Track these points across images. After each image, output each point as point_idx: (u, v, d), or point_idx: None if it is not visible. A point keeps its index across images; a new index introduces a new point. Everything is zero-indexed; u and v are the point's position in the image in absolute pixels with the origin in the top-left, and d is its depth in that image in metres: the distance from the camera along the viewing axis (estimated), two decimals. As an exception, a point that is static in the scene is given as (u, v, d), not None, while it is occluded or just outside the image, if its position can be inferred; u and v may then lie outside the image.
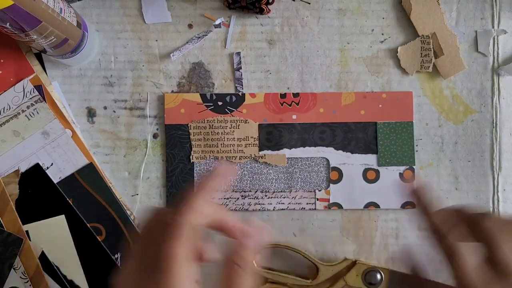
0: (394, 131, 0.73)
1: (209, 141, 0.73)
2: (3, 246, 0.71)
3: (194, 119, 0.73)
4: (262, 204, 0.73)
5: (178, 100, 0.72)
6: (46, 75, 0.72)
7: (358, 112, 0.73)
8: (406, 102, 0.73)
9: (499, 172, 0.74)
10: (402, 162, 0.74)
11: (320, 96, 0.73)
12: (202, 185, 0.48)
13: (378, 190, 0.74)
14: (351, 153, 0.74)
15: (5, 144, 0.71)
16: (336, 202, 0.74)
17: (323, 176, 0.74)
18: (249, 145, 0.73)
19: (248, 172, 0.73)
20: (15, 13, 0.53)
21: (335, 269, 0.72)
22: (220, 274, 0.49)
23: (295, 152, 0.73)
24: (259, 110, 0.73)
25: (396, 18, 0.73)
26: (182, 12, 0.72)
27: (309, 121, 0.73)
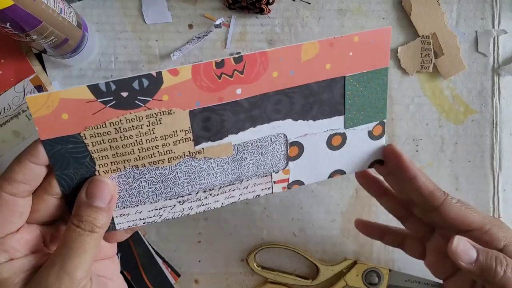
0: (366, 83, 0.57)
1: (119, 149, 0.51)
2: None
3: (88, 125, 0.49)
4: (207, 204, 0.58)
5: (52, 102, 0.48)
6: (46, 75, 0.72)
7: (322, 67, 0.55)
8: (383, 42, 0.56)
9: (499, 172, 0.74)
10: (372, 118, 0.60)
11: (272, 54, 0.52)
12: (21, 154, 0.49)
13: (344, 155, 0.61)
14: (313, 121, 0.58)
15: (5, 144, 0.71)
16: (297, 179, 0.61)
17: (280, 155, 0.58)
18: (180, 141, 0.53)
19: (183, 173, 0.55)
20: (15, 14, 0.53)
21: (335, 269, 0.72)
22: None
23: (244, 136, 0.56)
24: (187, 91, 0.51)
25: (396, 18, 0.73)
26: (182, 12, 0.72)
27: (259, 92, 0.54)
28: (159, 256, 0.74)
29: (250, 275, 0.75)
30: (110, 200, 0.50)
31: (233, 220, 0.74)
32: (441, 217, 0.55)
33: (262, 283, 0.74)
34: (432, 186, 0.56)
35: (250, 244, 0.74)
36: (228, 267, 0.75)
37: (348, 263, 0.72)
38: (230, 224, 0.74)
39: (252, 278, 0.75)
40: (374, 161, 0.62)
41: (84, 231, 0.47)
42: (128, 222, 0.55)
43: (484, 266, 0.51)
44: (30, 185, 0.48)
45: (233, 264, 0.75)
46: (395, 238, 0.64)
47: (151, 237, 0.74)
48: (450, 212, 0.55)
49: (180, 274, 0.74)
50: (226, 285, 0.75)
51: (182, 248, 0.74)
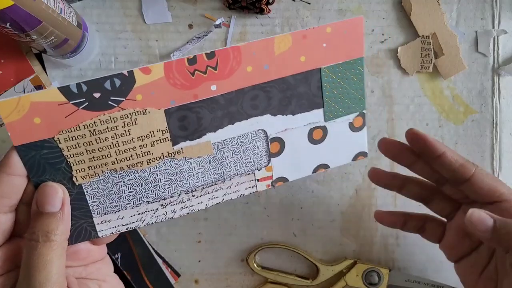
0: (342, 74, 0.57)
1: (95, 152, 0.50)
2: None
3: (62, 128, 0.48)
4: (190, 206, 0.57)
5: (22, 106, 0.47)
6: (46, 76, 0.72)
7: (297, 60, 0.55)
8: (356, 32, 0.56)
9: (500, 172, 0.74)
10: (351, 109, 0.60)
11: (245, 49, 0.52)
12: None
13: (326, 149, 0.61)
14: (292, 115, 0.57)
15: (5, 144, 0.71)
16: (280, 176, 0.60)
17: (261, 152, 0.58)
18: (157, 141, 0.52)
19: (164, 175, 0.54)
20: (15, 14, 0.53)
21: (335, 269, 0.72)
22: None
23: (222, 134, 0.55)
24: (161, 90, 0.51)
25: (396, 18, 0.73)
26: (182, 12, 0.72)
27: (234, 88, 0.54)
28: (159, 256, 0.74)
29: (250, 275, 0.75)
30: (62, 204, 0.48)
31: (233, 220, 0.74)
32: (472, 187, 0.56)
33: (262, 283, 0.74)
34: (462, 159, 0.56)
35: (250, 244, 0.74)
36: (228, 267, 0.75)
37: (348, 263, 0.72)
38: (230, 224, 0.74)
39: (252, 278, 0.75)
40: (358, 153, 0.63)
41: (38, 243, 0.46)
42: (110, 228, 0.54)
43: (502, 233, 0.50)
44: (11, 198, 0.47)
45: (233, 264, 0.75)
46: (417, 223, 0.64)
47: (151, 237, 0.74)
48: (481, 181, 0.55)
49: (180, 274, 0.74)
50: (226, 285, 0.75)
51: (182, 248, 0.74)
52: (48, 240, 0.46)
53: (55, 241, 0.46)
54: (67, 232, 0.49)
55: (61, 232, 0.47)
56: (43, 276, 0.45)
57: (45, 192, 0.48)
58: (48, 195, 0.48)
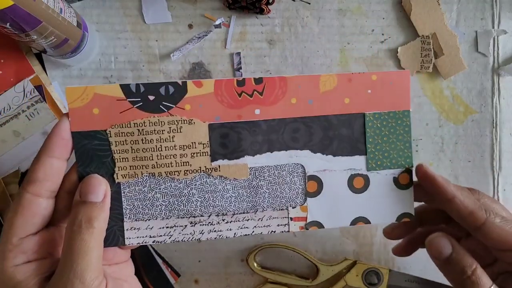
0: (387, 124, 0.57)
1: (139, 152, 0.53)
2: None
3: (115, 123, 0.52)
4: (219, 231, 0.56)
5: (87, 95, 0.51)
6: (46, 75, 0.72)
7: (341, 101, 0.56)
8: (402, 85, 0.56)
9: (499, 172, 0.74)
10: (397, 164, 0.57)
11: (291, 81, 0.54)
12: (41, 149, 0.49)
13: (368, 201, 0.58)
14: (333, 156, 0.57)
15: (5, 144, 0.71)
16: (316, 220, 0.57)
17: (297, 188, 0.57)
18: (197, 154, 0.54)
19: (198, 190, 0.55)
20: (15, 13, 0.53)
21: (335, 269, 0.72)
22: None
23: (260, 160, 0.55)
24: (208, 104, 0.53)
25: (396, 18, 0.73)
26: (182, 12, 0.72)
27: (277, 116, 0.55)
28: (159, 256, 0.74)
29: (250, 275, 0.75)
30: (104, 195, 0.50)
31: (233, 220, 0.74)
32: (482, 236, 0.53)
33: (262, 283, 0.74)
34: (471, 206, 0.53)
35: (250, 244, 0.74)
36: (228, 267, 0.75)
37: (348, 263, 0.72)
38: (230, 224, 0.74)
39: (252, 278, 0.75)
40: (402, 213, 0.58)
41: (81, 229, 0.47)
42: (138, 238, 0.55)
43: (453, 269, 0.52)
44: (52, 181, 0.49)
45: (233, 264, 0.75)
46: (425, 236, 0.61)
47: (151, 237, 0.74)
48: (492, 233, 0.52)
49: (180, 274, 0.74)
50: (226, 285, 0.75)
51: (182, 248, 0.74)
52: (91, 227, 0.47)
53: (97, 228, 0.48)
54: (107, 222, 0.50)
55: (102, 220, 0.49)
56: (85, 262, 0.46)
57: (90, 182, 0.50)
58: (93, 185, 0.50)
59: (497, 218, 0.53)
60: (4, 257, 0.47)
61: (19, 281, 0.46)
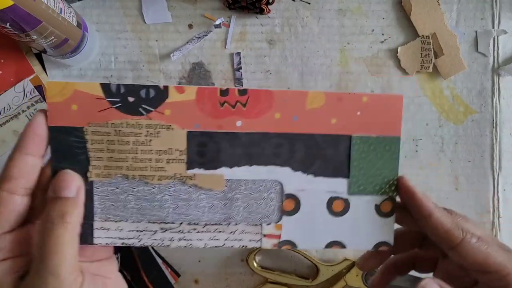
0: (374, 148, 0.55)
1: (114, 153, 0.52)
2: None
3: (92, 121, 0.51)
4: (189, 239, 0.55)
5: (67, 90, 0.50)
6: (46, 75, 0.72)
7: (328, 120, 0.54)
8: (394, 109, 0.54)
9: (499, 172, 0.75)
10: (380, 191, 0.55)
11: (277, 95, 0.53)
12: (16, 146, 0.49)
13: (346, 226, 0.56)
14: (314, 176, 0.55)
15: (5, 144, 0.71)
16: (289, 240, 0.55)
17: (274, 205, 0.55)
18: (173, 160, 0.53)
19: (171, 197, 0.54)
20: (15, 13, 0.53)
21: (335, 269, 0.72)
22: None
23: (238, 173, 0.54)
24: (189, 111, 0.52)
25: (396, 18, 0.73)
26: (182, 12, 0.73)
27: (260, 129, 0.53)
28: (159, 256, 0.74)
29: (250, 275, 0.75)
30: (77, 190, 0.49)
31: (233, 220, 0.74)
32: (458, 257, 0.52)
33: (262, 283, 0.74)
34: (448, 224, 0.52)
35: (250, 244, 0.74)
36: (228, 267, 0.75)
37: (348, 263, 0.72)
38: (230, 224, 0.74)
39: (252, 278, 0.75)
40: (381, 241, 0.56)
41: (54, 225, 0.46)
42: (106, 238, 0.54)
43: None
44: (27, 179, 0.48)
45: (233, 264, 0.75)
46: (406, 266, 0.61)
47: (151, 237, 0.74)
48: (468, 253, 0.51)
49: (180, 274, 0.74)
50: (226, 285, 0.75)
51: (182, 249, 0.74)
52: (64, 222, 0.46)
53: (71, 223, 0.47)
54: (81, 218, 0.49)
55: (76, 214, 0.48)
56: (58, 258, 0.45)
57: (63, 178, 0.49)
58: (66, 180, 0.49)
59: (473, 238, 0.51)
60: None
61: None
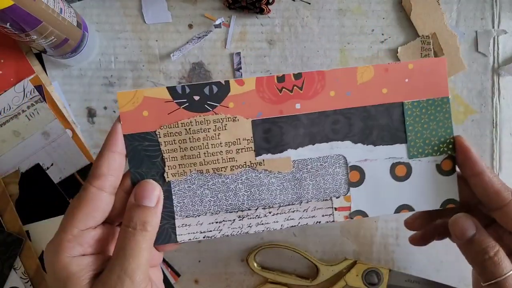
0: (426, 111, 0.57)
1: (187, 151, 0.55)
2: (3, 246, 0.71)
3: (163, 124, 0.55)
4: (266, 223, 0.58)
5: (137, 99, 0.54)
6: (46, 75, 0.72)
7: (379, 91, 0.57)
8: (439, 72, 0.57)
9: (499, 172, 0.74)
10: (438, 150, 0.57)
11: (329, 75, 0.56)
12: (104, 145, 0.52)
13: (411, 189, 0.58)
14: (374, 146, 0.57)
15: (5, 144, 0.71)
16: (360, 210, 0.58)
17: (340, 179, 0.58)
18: (242, 149, 0.56)
19: (244, 185, 0.56)
20: (15, 14, 0.53)
21: (335, 269, 0.72)
22: None
23: (303, 153, 0.57)
24: (250, 101, 0.55)
25: (396, 18, 0.73)
26: (182, 12, 0.73)
27: (317, 109, 0.56)
28: (159, 256, 0.74)
29: (250, 275, 0.75)
30: (157, 201, 0.52)
31: (233, 220, 0.74)
32: (503, 218, 0.53)
33: (262, 283, 0.74)
34: (499, 185, 0.53)
35: (250, 244, 0.74)
36: (228, 267, 0.75)
37: (348, 263, 0.72)
38: (230, 224, 0.74)
39: (252, 278, 0.75)
40: (446, 199, 0.58)
41: (135, 231, 0.49)
42: (189, 234, 0.56)
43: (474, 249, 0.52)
44: (115, 176, 0.51)
45: (233, 264, 0.75)
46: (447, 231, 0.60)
47: (151, 237, 0.74)
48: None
49: (180, 274, 0.74)
50: (226, 285, 0.75)
51: (182, 248, 0.74)
52: (144, 230, 0.49)
53: (150, 232, 0.50)
54: (158, 226, 0.52)
55: (155, 225, 0.51)
56: (136, 263, 0.48)
57: (145, 187, 0.52)
58: (147, 190, 0.52)
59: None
60: (63, 246, 0.48)
61: (72, 273, 0.47)
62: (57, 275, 0.48)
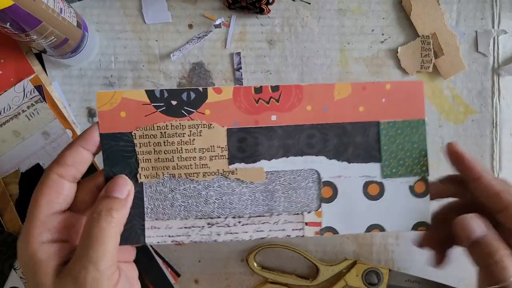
0: (402, 132, 0.58)
1: (161, 154, 0.56)
2: (3, 246, 0.71)
3: (139, 125, 0.56)
4: (235, 233, 0.58)
5: (115, 99, 0.55)
6: (46, 75, 0.72)
7: (355, 109, 0.57)
8: (416, 94, 0.58)
9: (500, 172, 0.74)
10: (412, 172, 0.58)
11: (306, 89, 0.57)
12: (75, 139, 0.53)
13: (383, 209, 0.58)
14: (348, 163, 0.58)
15: (5, 144, 0.71)
16: (330, 226, 0.58)
17: (313, 194, 0.58)
18: (216, 157, 0.57)
19: (216, 192, 0.57)
20: (15, 14, 0.53)
21: (335, 269, 0.72)
22: None
23: (276, 164, 0.57)
24: (227, 110, 0.56)
25: (396, 18, 0.73)
26: (182, 12, 0.73)
27: (293, 122, 0.57)
28: (159, 256, 0.74)
29: (250, 275, 0.75)
30: (127, 194, 0.53)
31: (233, 220, 0.74)
32: (505, 219, 0.52)
33: (262, 283, 0.74)
34: (498, 187, 0.52)
35: (250, 244, 0.74)
36: (228, 267, 0.75)
37: (348, 263, 0.72)
38: (230, 224, 0.74)
39: (252, 278, 0.75)
40: (418, 222, 0.59)
41: (100, 217, 0.49)
42: (157, 237, 0.57)
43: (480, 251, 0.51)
44: (77, 169, 0.52)
45: (233, 264, 0.75)
46: None
47: (151, 237, 0.74)
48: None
49: (180, 274, 0.74)
50: (226, 285, 0.75)
51: (182, 249, 0.74)
52: (110, 216, 0.49)
53: (116, 219, 0.50)
54: (125, 219, 0.52)
55: (122, 214, 0.51)
56: (102, 249, 0.47)
57: (117, 181, 0.53)
58: (119, 184, 0.53)
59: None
60: (31, 233, 0.49)
61: (39, 260, 0.48)
62: (26, 264, 0.49)
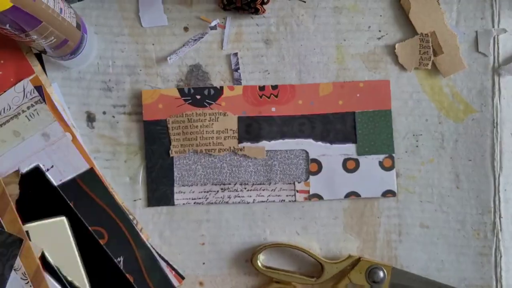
0: (373, 119, 0.74)
1: (188, 134, 0.74)
2: (4, 247, 0.70)
3: (172, 114, 0.74)
4: (241, 197, 0.75)
5: (155, 95, 0.73)
6: (46, 76, 0.73)
7: (336, 103, 0.74)
8: (384, 90, 0.74)
9: (500, 172, 0.74)
10: (381, 151, 0.74)
11: (298, 88, 0.74)
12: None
13: (358, 179, 0.74)
14: (330, 144, 0.74)
15: (5, 144, 0.71)
16: (316, 193, 0.74)
17: (302, 168, 0.75)
18: (228, 137, 0.74)
19: (228, 164, 0.74)
20: (15, 14, 0.53)
21: (340, 267, 0.72)
22: None
23: (275, 145, 0.74)
24: (238, 102, 0.74)
25: (394, 16, 0.74)
26: (178, 15, 0.73)
27: (288, 113, 0.74)
28: (163, 259, 0.73)
29: (254, 275, 0.74)
30: None
31: (235, 221, 0.75)
32: None
33: (267, 283, 0.73)
34: None
35: (254, 245, 0.74)
36: (233, 268, 0.75)
37: (352, 260, 0.72)
38: (232, 225, 0.75)
39: (257, 278, 0.74)
40: (386, 190, 0.74)
41: None
42: (183, 199, 0.74)
43: None
44: None
45: (238, 265, 0.74)
46: None
47: (154, 241, 0.74)
48: None
49: (184, 276, 0.74)
50: (231, 286, 0.74)
51: (185, 251, 0.74)
52: None
53: None
54: None
55: None
56: None
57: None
58: None
59: None
60: None
61: None
62: None
